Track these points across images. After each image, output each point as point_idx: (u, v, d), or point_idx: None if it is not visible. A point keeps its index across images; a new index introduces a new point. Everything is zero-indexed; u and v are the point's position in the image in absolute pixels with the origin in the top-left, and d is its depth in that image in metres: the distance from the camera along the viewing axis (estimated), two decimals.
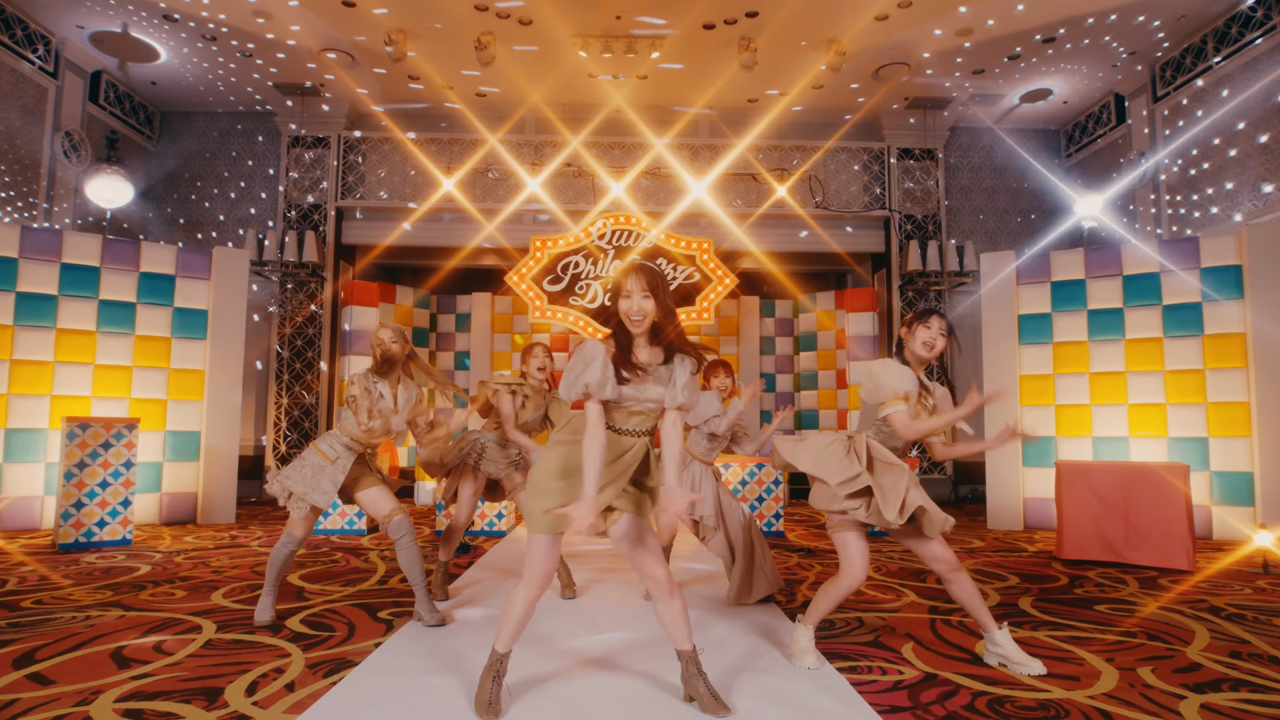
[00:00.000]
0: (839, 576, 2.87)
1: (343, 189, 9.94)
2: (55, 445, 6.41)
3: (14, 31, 7.74)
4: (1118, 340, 6.87)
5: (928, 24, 7.99)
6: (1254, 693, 2.57)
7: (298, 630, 3.28)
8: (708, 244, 9.52)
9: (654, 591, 2.40)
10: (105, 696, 2.43)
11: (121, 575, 4.47)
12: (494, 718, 2.29)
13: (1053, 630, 3.40)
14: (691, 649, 2.41)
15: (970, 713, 2.38)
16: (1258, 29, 7.43)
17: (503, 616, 2.39)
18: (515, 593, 2.38)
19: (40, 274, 6.48)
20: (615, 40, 8.31)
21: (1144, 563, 5.00)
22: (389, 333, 3.53)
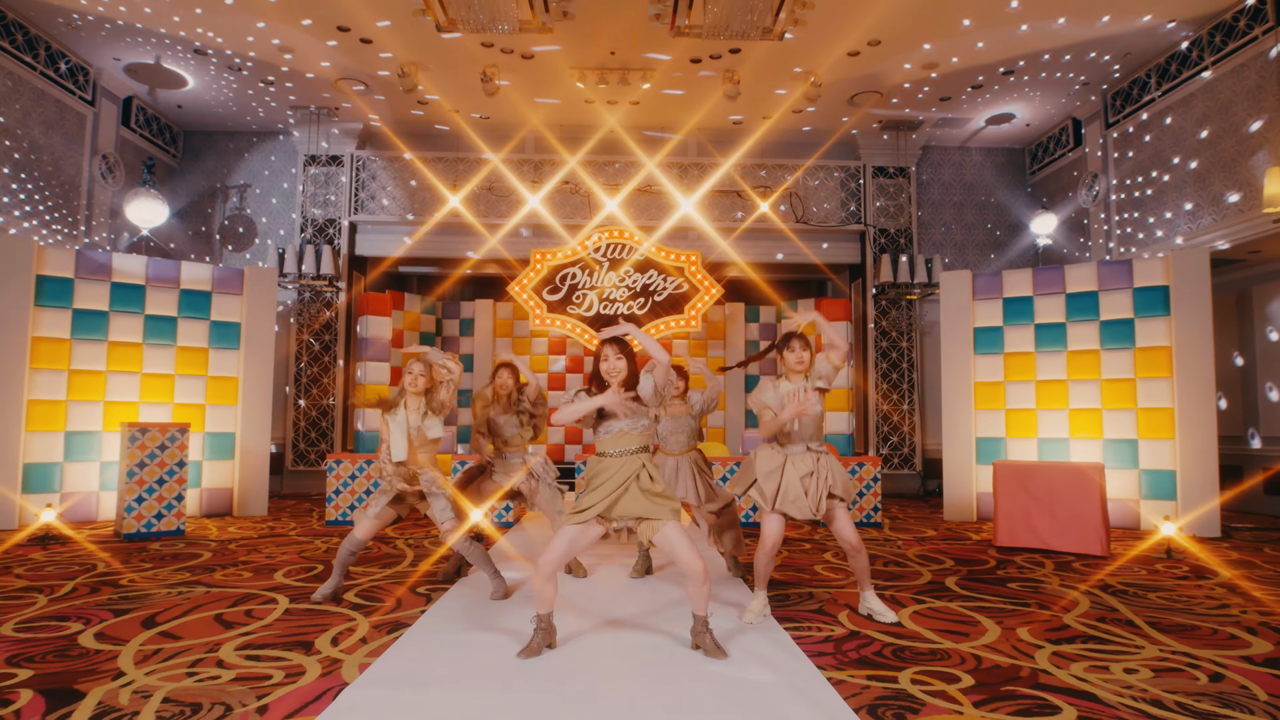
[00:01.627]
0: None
1: (355, 204, 10.66)
2: (109, 446, 7.16)
3: (58, 66, 8.43)
4: (1061, 351, 7.67)
5: (896, 59, 8.75)
6: (1097, 645, 3.37)
7: (355, 602, 4.06)
8: (696, 256, 10.28)
9: (688, 576, 3.15)
10: (226, 646, 3.21)
11: (189, 560, 5.24)
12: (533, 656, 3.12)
13: (965, 602, 4.20)
14: (705, 615, 3.20)
15: (878, 656, 3.18)
16: (1192, 67, 8.22)
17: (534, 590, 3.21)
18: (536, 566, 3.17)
19: (93, 292, 7.21)
20: (609, 72, 9.04)
21: (1066, 549, 5.82)
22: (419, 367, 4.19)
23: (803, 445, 3.75)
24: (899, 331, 10.80)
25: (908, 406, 10.74)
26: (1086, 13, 7.69)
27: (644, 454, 3.23)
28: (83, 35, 8.24)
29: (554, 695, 2.69)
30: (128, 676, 2.83)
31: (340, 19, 7.84)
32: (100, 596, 4.13)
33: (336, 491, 7.14)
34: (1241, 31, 7.57)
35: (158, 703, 2.57)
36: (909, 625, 3.69)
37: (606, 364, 3.26)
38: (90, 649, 3.17)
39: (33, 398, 6.86)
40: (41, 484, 6.82)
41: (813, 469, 3.69)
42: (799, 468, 3.69)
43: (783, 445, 3.79)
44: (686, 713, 2.55)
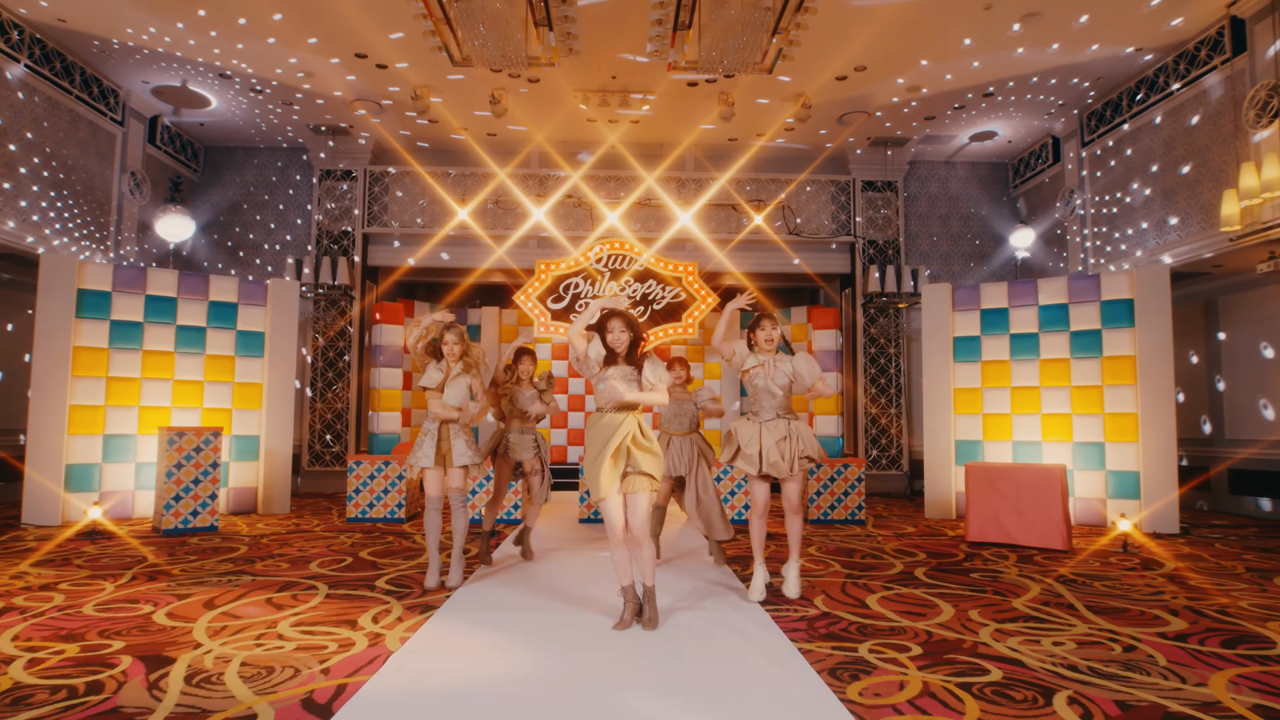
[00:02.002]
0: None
1: (369, 217, 11.17)
2: (144, 448, 7.67)
3: (91, 89, 8.95)
4: (1034, 360, 8.19)
5: (881, 83, 9.26)
6: (1036, 624, 3.89)
7: (386, 588, 4.58)
8: (693, 267, 10.79)
9: (639, 543, 3.68)
10: (282, 623, 3.73)
11: (229, 553, 5.75)
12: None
13: (929, 589, 4.72)
14: (651, 586, 3.72)
15: (845, 632, 3.69)
16: (1159, 92, 8.74)
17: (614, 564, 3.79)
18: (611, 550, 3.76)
19: (129, 304, 7.72)
20: (611, 94, 9.56)
21: (1031, 544, 6.33)
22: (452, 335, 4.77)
23: (773, 413, 4.23)
24: (887, 338, 11.31)
25: (895, 410, 11.25)
26: (1049, 42, 8.21)
27: (637, 413, 3.77)
28: (115, 61, 8.76)
29: (568, 662, 3.20)
30: (205, 646, 3.34)
31: (359, 47, 8.35)
32: (159, 584, 4.64)
33: (357, 490, 7.65)
34: (1203, 60, 8.08)
35: (237, 666, 3.09)
36: (875, 608, 4.20)
37: (613, 335, 3.77)
38: (165, 625, 3.69)
39: (74, 403, 7.37)
40: (82, 483, 7.33)
41: (786, 434, 4.18)
42: (774, 433, 4.16)
43: (757, 414, 4.30)
44: (676, 672, 3.06)
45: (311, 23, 7.85)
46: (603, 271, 10.76)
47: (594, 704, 2.73)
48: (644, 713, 2.65)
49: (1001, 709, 2.70)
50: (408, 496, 7.78)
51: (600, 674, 3.08)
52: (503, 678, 3.01)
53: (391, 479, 7.70)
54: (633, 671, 3.11)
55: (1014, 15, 7.67)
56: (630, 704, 2.73)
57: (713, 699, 2.78)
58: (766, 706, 2.71)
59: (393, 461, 7.74)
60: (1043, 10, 7.60)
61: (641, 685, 2.94)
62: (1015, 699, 2.80)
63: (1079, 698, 2.81)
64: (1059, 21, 7.78)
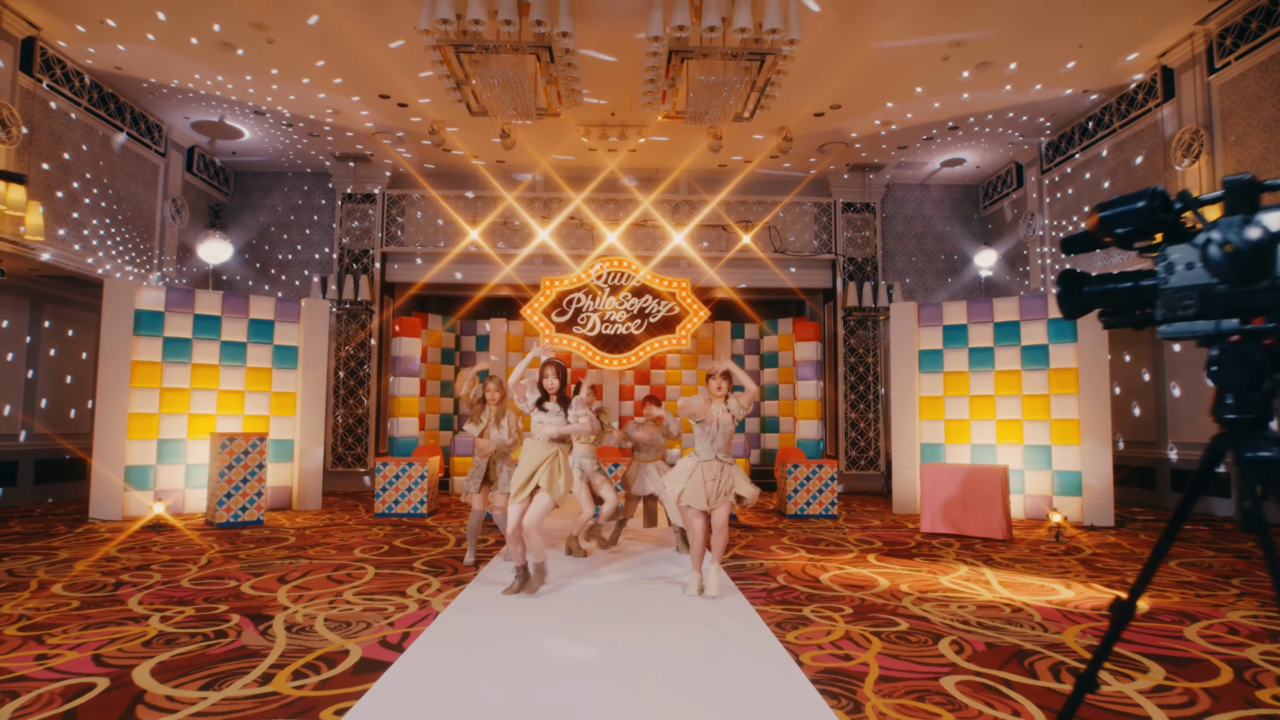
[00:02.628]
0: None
1: (387, 237, 12.11)
2: (193, 451, 8.60)
3: (139, 125, 9.89)
4: (989, 371, 9.12)
5: (855, 118, 10.21)
6: (954, 595, 4.82)
7: (423, 569, 5.51)
8: (686, 283, 11.73)
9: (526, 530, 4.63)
10: (346, 592, 4.66)
11: (280, 542, 6.68)
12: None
13: (875, 569, 5.65)
14: (540, 563, 4.70)
15: (795, 599, 4.62)
16: (1105, 129, 9.68)
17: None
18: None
19: (179, 323, 8.65)
20: (610, 128, 10.50)
21: (975, 533, 7.26)
22: (493, 384, 5.71)
23: (712, 455, 4.83)
24: (865, 348, 12.25)
25: (873, 415, 12.19)
26: (999, 85, 9.16)
27: (559, 444, 4.72)
28: (161, 100, 9.70)
29: (571, 620, 4.13)
30: (291, 609, 4.27)
31: (383, 89, 9.30)
32: (233, 565, 5.57)
33: (383, 489, 8.58)
34: (1140, 102, 9.03)
35: (322, 620, 4.02)
36: (825, 583, 5.13)
37: (548, 380, 4.77)
38: (252, 594, 4.62)
39: (132, 411, 8.30)
40: (139, 483, 8.26)
41: (717, 476, 4.71)
42: (707, 473, 4.71)
43: (698, 455, 4.82)
44: (653, 623, 3.99)
45: (344, 70, 8.80)
46: (603, 287, 11.70)
47: (598, 634, 3.65)
48: (633, 643, 3.57)
49: (898, 647, 3.63)
50: (429, 494, 8.71)
51: (603, 621, 4.01)
52: (525, 623, 3.93)
53: (415, 478, 8.63)
54: (622, 621, 4.04)
55: (968, 64, 8.61)
56: (646, 626, 3.66)
57: (682, 641, 3.71)
58: (725, 646, 3.64)
59: (415, 463, 8.67)
60: (994, 60, 8.55)
61: (629, 630, 3.86)
62: (911, 641, 3.74)
63: (959, 641, 3.74)
64: (1009, 69, 8.73)
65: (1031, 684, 3.13)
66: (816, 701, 2.89)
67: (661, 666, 3.34)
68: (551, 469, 4.64)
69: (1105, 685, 3.11)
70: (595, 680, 3.15)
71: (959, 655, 3.50)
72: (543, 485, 4.61)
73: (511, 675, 3.20)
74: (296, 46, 8.24)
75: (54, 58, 8.34)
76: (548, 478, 4.61)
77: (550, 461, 4.64)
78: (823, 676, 3.19)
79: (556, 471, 4.65)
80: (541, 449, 4.67)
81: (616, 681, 3.14)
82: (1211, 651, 3.60)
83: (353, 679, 3.12)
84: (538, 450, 4.67)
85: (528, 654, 3.50)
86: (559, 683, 3.11)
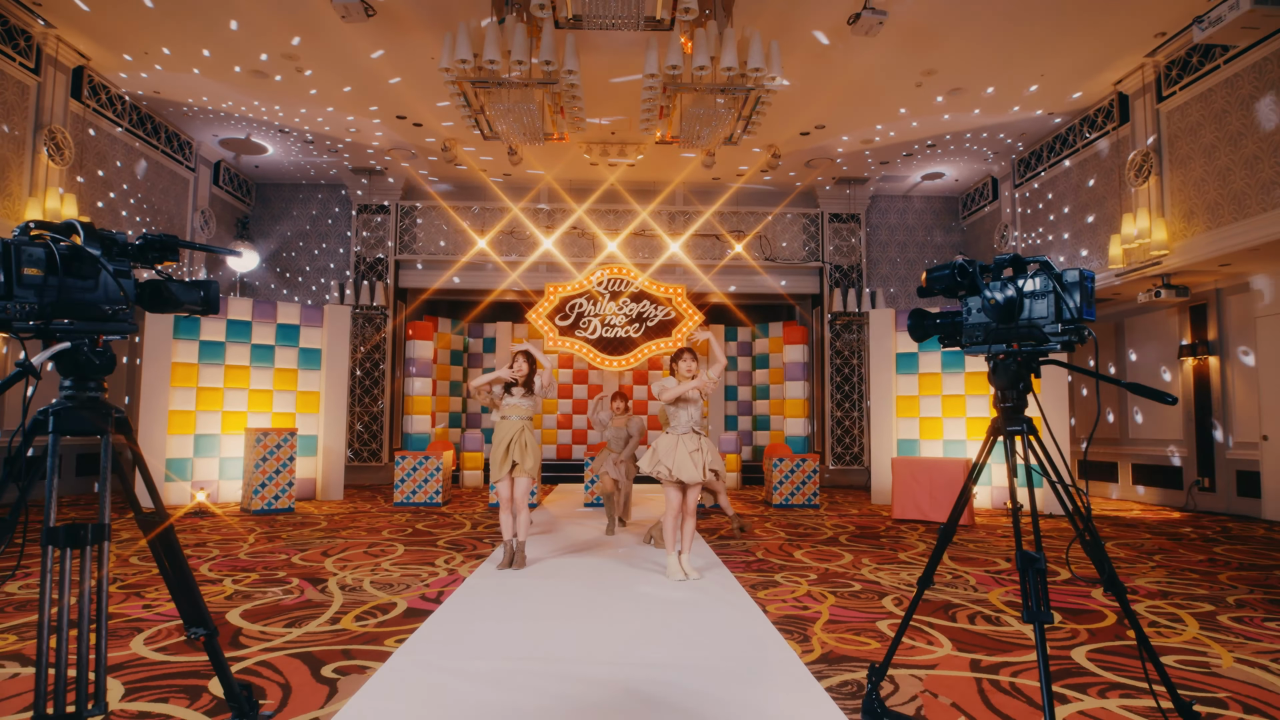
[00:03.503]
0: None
1: (400, 245, 12.86)
2: (227, 446, 9.36)
3: (172, 144, 10.64)
4: (960, 373, 9.87)
5: (839, 136, 10.97)
6: (906, 566, 5.57)
7: (447, 546, 6.26)
8: (682, 289, 12.48)
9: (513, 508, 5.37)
10: (384, 562, 5.41)
11: (313, 526, 7.43)
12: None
13: (843, 548, 6.40)
14: (523, 541, 5.36)
15: (769, 569, 5.37)
16: (1069, 148, 10.44)
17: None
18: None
19: (214, 328, 9.40)
20: (610, 146, 11.26)
21: (939, 520, 8.01)
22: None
23: (689, 429, 5.11)
24: (850, 351, 13.00)
25: (857, 414, 12.94)
26: (971, 108, 9.92)
27: (526, 422, 5.46)
28: (192, 119, 10.45)
29: (579, 582, 4.89)
30: (340, 575, 5.03)
31: (400, 110, 10.06)
32: (277, 544, 6.33)
33: (402, 480, 9.33)
34: (1099, 124, 9.79)
35: (368, 582, 4.77)
36: (797, 558, 5.88)
37: (514, 366, 5.50)
38: (303, 564, 5.37)
39: (172, 409, 9.05)
40: (179, 474, 9.01)
41: (698, 446, 4.97)
42: (687, 445, 4.98)
43: (675, 430, 5.09)
44: (646, 586, 4.74)
45: (366, 95, 9.55)
46: (603, 293, 12.45)
47: (602, 592, 4.40)
48: (645, 591, 4.33)
49: (848, 602, 4.39)
50: (444, 485, 9.46)
51: (606, 581, 4.76)
52: (541, 585, 4.68)
53: (431, 470, 9.38)
54: (621, 582, 4.79)
55: (940, 90, 9.37)
56: (639, 588, 4.41)
57: (670, 595, 4.47)
58: (708, 599, 4.40)
59: (431, 456, 9.43)
60: (965, 86, 9.31)
61: (628, 588, 4.61)
62: (860, 598, 4.49)
63: (899, 599, 4.50)
64: (979, 93, 9.49)
65: (949, 625, 3.88)
66: (775, 636, 3.64)
67: (655, 612, 4.09)
68: (520, 446, 5.34)
69: (1006, 625, 3.86)
70: (601, 621, 3.91)
71: (897, 607, 4.26)
72: (518, 461, 5.32)
73: (532, 617, 3.95)
74: (325, 75, 9.00)
75: (100, 84, 9.10)
76: (520, 454, 5.32)
77: (517, 437, 5.36)
78: (783, 621, 3.94)
79: (524, 449, 5.35)
80: (509, 426, 5.41)
81: (619, 623, 3.90)
82: (1107, 605, 4.36)
83: (404, 620, 3.87)
84: (506, 428, 5.41)
85: (546, 602, 4.26)
86: (575, 621, 3.87)
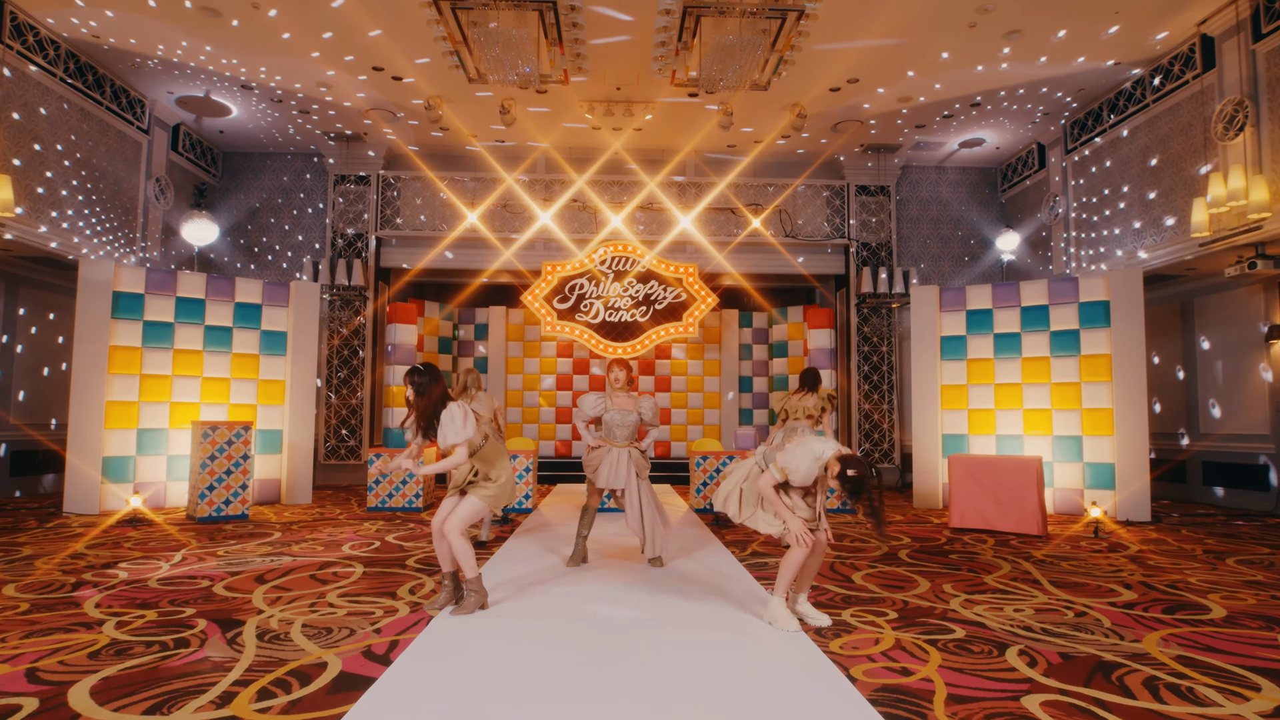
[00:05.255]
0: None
1: (381, 220, 11.62)
2: (175, 442, 8.12)
3: (119, 100, 9.38)
4: (1016, 358, 8.64)
5: (872, 93, 9.71)
6: (1002, 595, 4.35)
7: (417, 566, 5.03)
8: (693, 268, 11.26)
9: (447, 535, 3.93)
10: (330, 594, 4.18)
11: (264, 537, 6.21)
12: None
13: (910, 568, 5.18)
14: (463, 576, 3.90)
15: (831, 602, 4.15)
16: (1137, 104, 9.19)
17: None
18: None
19: (161, 306, 8.16)
20: (615, 104, 10.01)
21: (1007, 529, 6.80)
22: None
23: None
24: (879, 337, 11.77)
25: (887, 406, 11.72)
26: (1035, 56, 8.67)
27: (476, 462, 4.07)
28: (143, 73, 9.19)
29: (585, 629, 3.66)
30: (267, 612, 3.80)
31: (376, 60, 8.79)
32: (209, 563, 5.10)
33: (376, 481, 8.10)
34: (1176, 75, 8.54)
35: (299, 627, 3.54)
36: (859, 583, 4.66)
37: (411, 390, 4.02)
38: (226, 595, 4.14)
39: (110, 399, 7.82)
40: (118, 475, 7.78)
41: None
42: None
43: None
44: (674, 632, 3.53)
45: (336, 40, 8.29)
46: (607, 273, 11.22)
47: (616, 647, 3.18)
48: (669, 641, 3.11)
49: (960, 659, 3.16)
50: (424, 487, 8.23)
51: (626, 619, 3.54)
52: (527, 630, 3.46)
53: (410, 471, 8.13)
54: (651, 619, 3.57)
55: (997, 31, 8.11)
56: (664, 636, 3.19)
57: (710, 652, 3.24)
58: (760, 657, 3.17)
59: None
60: (1024, 28, 8.05)
61: (658, 634, 3.39)
62: (974, 651, 3.27)
63: (1028, 651, 3.27)
64: (1041, 38, 8.23)
65: (1129, 705, 2.65)
66: None
67: (691, 682, 2.87)
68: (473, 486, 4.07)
69: (1218, 706, 2.64)
70: (618, 699, 2.68)
71: (1033, 668, 3.03)
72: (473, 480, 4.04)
73: (515, 694, 2.72)
74: (287, 15, 7.74)
75: (26, 23, 7.84)
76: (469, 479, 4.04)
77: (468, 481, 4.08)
78: (883, 697, 2.71)
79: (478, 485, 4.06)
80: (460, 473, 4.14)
81: (641, 700, 2.67)
82: None
83: (328, 699, 2.64)
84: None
85: (541, 665, 3.03)
86: (578, 701, 2.64)
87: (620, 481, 5.14)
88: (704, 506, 8.22)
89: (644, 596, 4.25)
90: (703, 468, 8.36)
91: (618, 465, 5.18)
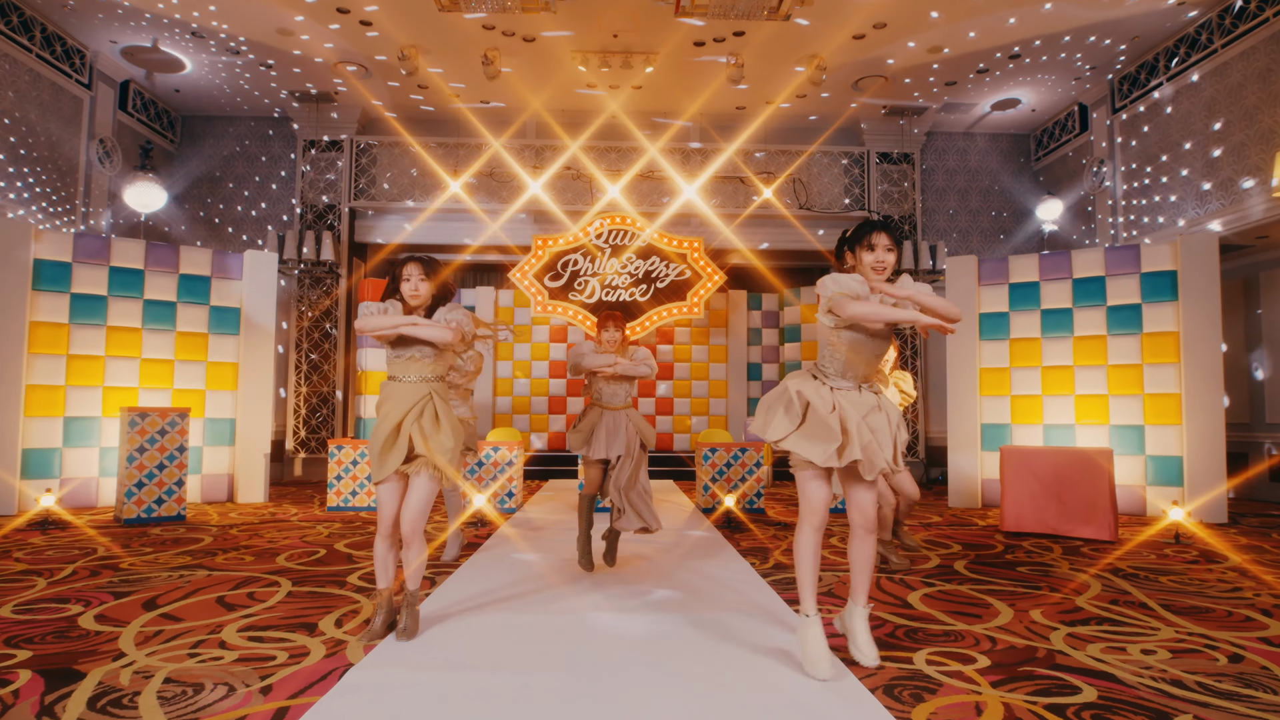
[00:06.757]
0: (799, 519, 2.85)
1: (355, 190, 10.57)
2: (109, 431, 7.10)
3: (54, 48, 8.33)
4: (1067, 337, 7.61)
5: (901, 42, 8.65)
6: (1112, 627, 3.33)
7: (358, 584, 4.01)
8: (698, 243, 10.21)
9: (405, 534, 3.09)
10: (228, 628, 3.16)
11: (190, 545, 5.19)
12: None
13: (975, 585, 4.16)
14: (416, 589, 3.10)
15: (892, 638, 3.13)
16: (1201, 50, 8.13)
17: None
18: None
19: (91, 276, 7.13)
20: (612, 55, 8.95)
21: (1073, 534, 5.77)
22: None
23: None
24: None
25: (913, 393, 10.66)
26: None
27: (434, 384, 3.14)
28: (79, 17, 8.14)
29: (548, 675, 2.64)
30: (129, 657, 2.78)
31: (340, 1, 7.74)
32: (100, 580, 4.08)
33: (338, 477, 7.07)
34: (1252, 14, 7.47)
35: (159, 683, 2.52)
36: (920, 608, 3.64)
37: (409, 284, 3.11)
38: (90, 630, 3.12)
39: (31, 383, 6.79)
40: (41, 469, 6.76)
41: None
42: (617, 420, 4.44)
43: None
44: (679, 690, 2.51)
45: None
46: (603, 248, 10.19)
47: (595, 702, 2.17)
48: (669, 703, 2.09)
49: None
50: None
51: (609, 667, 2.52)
52: (473, 685, 2.44)
53: None
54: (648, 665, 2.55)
55: None
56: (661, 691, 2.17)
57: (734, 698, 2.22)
58: None
59: None
60: None
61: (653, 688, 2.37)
62: None
63: None
64: None
65: None
66: None
67: None
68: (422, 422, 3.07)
69: None
70: None
71: None
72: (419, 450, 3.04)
73: None
74: None
75: None
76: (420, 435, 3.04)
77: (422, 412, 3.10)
78: None
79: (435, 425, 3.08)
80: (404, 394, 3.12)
81: None
82: None
83: None
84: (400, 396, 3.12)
85: None
86: None
87: (621, 448, 4.36)
88: (711, 506, 7.20)
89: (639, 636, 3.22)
90: (711, 461, 7.32)
91: (616, 428, 4.42)
